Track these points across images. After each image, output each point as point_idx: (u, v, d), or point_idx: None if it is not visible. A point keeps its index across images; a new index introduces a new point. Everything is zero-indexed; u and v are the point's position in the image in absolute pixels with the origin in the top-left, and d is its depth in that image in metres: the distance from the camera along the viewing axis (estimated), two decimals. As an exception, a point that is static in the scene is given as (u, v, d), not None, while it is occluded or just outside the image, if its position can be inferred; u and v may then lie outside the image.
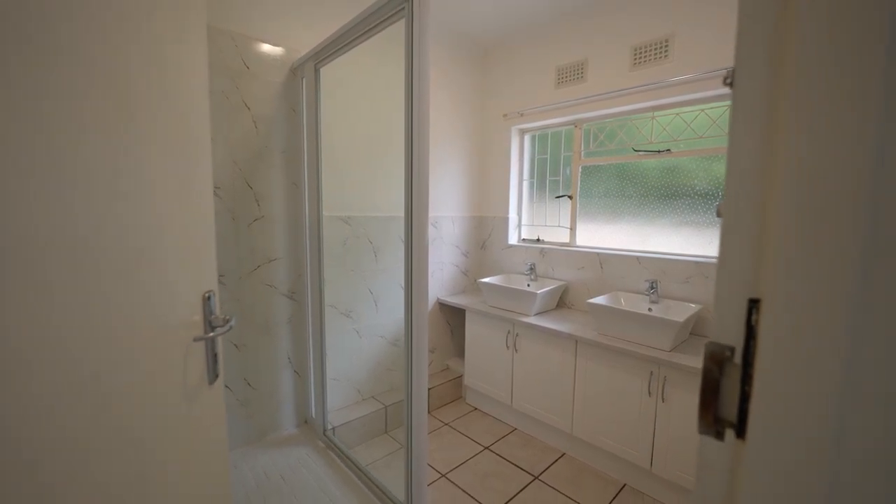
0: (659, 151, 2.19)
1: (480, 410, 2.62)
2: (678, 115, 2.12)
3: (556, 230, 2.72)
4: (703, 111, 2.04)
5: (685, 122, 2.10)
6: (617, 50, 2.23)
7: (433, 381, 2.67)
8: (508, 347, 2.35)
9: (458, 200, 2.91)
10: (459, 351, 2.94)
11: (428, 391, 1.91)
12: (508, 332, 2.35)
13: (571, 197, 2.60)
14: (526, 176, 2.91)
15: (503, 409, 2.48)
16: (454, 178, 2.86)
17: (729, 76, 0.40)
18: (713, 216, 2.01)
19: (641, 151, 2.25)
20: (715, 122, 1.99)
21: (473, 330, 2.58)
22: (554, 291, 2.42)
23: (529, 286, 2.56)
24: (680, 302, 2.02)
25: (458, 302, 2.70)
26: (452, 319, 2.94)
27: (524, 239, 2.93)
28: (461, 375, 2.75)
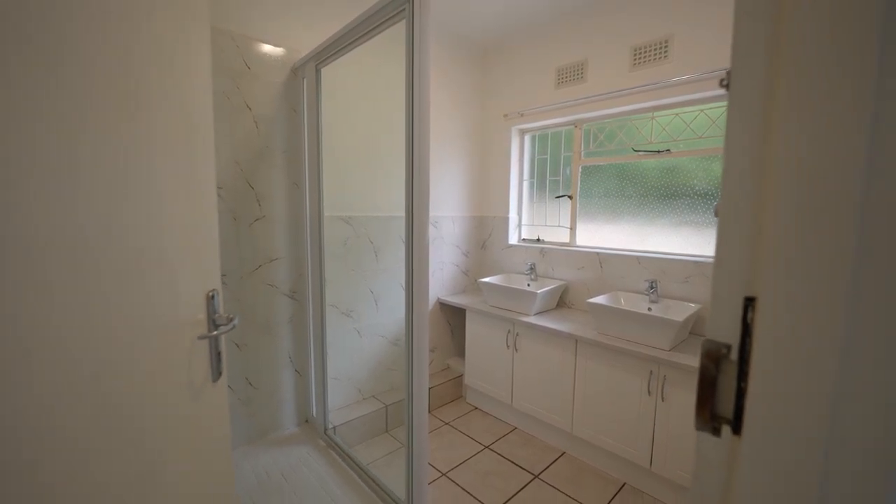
0: (658, 151, 2.19)
1: (481, 410, 2.63)
2: (678, 115, 2.12)
3: (556, 230, 2.73)
4: (702, 111, 2.04)
5: (685, 122, 2.10)
6: (617, 50, 2.23)
7: (434, 380, 2.68)
8: (509, 347, 2.36)
9: (458, 200, 2.92)
10: (460, 350, 2.95)
11: (428, 390, 1.91)
12: (509, 331, 2.35)
13: (571, 197, 2.61)
14: (526, 176, 2.92)
15: (503, 408, 2.49)
16: (454, 177, 2.87)
17: (725, 79, 0.41)
18: (712, 216, 2.01)
19: (641, 151, 2.26)
20: (714, 122, 2.00)
21: (474, 329, 2.59)
22: (554, 291, 2.43)
23: (529, 286, 2.57)
24: (679, 301, 2.03)
25: (458, 301, 2.71)
26: (453, 319, 2.95)
27: (524, 239, 2.93)
28: (461, 375, 2.75)
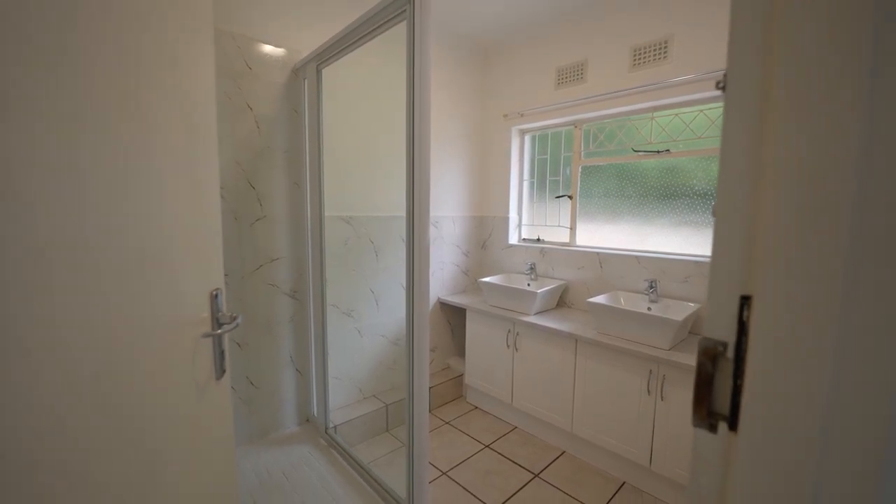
0: (658, 152, 2.20)
1: (481, 409, 2.64)
2: (677, 115, 2.13)
3: (556, 230, 2.73)
4: (701, 112, 2.05)
5: (684, 122, 2.11)
6: (616, 51, 2.24)
7: (434, 379, 2.69)
8: (509, 346, 2.37)
9: (458, 200, 2.92)
10: (460, 350, 2.95)
11: (429, 390, 1.92)
12: (509, 331, 2.36)
13: (571, 197, 2.61)
14: (526, 176, 2.92)
15: (503, 407, 2.49)
16: (455, 177, 2.88)
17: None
18: (711, 216, 2.02)
19: (641, 152, 2.27)
20: (714, 122, 2.00)
21: (474, 329, 2.60)
22: (554, 291, 2.44)
23: (529, 286, 2.58)
24: (679, 301, 2.03)
25: (458, 301, 2.72)
26: (453, 319, 2.96)
27: (524, 239, 2.94)
28: (462, 374, 2.76)
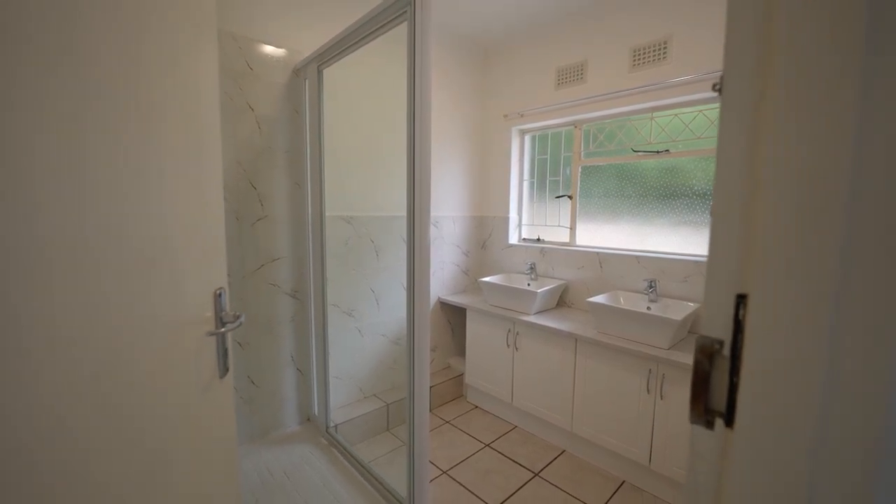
0: (658, 152, 2.21)
1: (481, 408, 2.64)
2: (677, 115, 2.14)
3: (556, 230, 2.74)
4: (701, 112, 2.06)
5: (684, 122, 2.12)
6: (616, 51, 2.25)
7: (434, 379, 2.70)
8: (509, 346, 2.37)
9: (458, 200, 2.93)
10: (460, 349, 2.96)
11: (429, 389, 1.93)
12: (509, 330, 2.37)
13: (571, 197, 2.62)
14: (526, 176, 2.93)
15: (504, 406, 2.50)
16: (455, 177, 2.88)
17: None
18: (709, 216, 2.03)
19: (640, 152, 2.27)
20: (713, 122, 2.01)
21: (474, 329, 2.60)
22: (554, 290, 2.44)
23: (530, 285, 2.58)
24: (678, 301, 2.04)
25: (458, 301, 2.73)
26: (453, 318, 2.96)
27: (524, 238, 2.95)
28: (462, 374, 2.77)
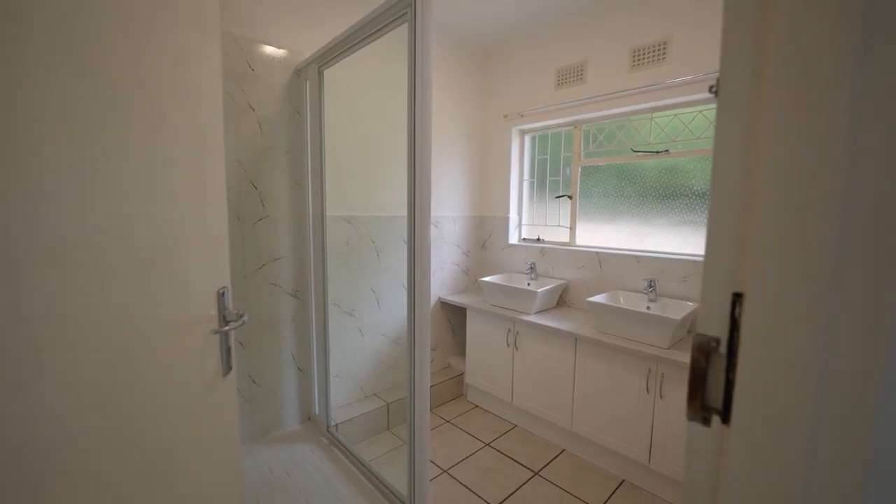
0: (657, 152, 2.21)
1: (481, 408, 2.65)
2: (676, 116, 2.14)
3: (556, 230, 2.75)
4: (700, 112, 2.06)
5: (683, 123, 2.12)
6: (616, 51, 2.25)
7: (434, 378, 2.70)
8: (509, 345, 2.38)
9: (459, 200, 2.94)
10: (460, 349, 2.97)
11: (430, 388, 1.92)
12: (509, 330, 2.38)
13: (571, 197, 2.63)
14: (526, 176, 2.94)
15: (504, 406, 2.51)
16: (455, 178, 2.89)
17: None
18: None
19: (640, 152, 2.28)
20: (712, 123, 2.01)
21: (474, 328, 2.61)
22: (554, 290, 2.45)
23: (530, 285, 2.59)
24: (678, 300, 2.05)
25: (459, 301, 2.73)
26: (454, 318, 2.97)
27: (524, 238, 2.95)
28: (462, 373, 2.77)
